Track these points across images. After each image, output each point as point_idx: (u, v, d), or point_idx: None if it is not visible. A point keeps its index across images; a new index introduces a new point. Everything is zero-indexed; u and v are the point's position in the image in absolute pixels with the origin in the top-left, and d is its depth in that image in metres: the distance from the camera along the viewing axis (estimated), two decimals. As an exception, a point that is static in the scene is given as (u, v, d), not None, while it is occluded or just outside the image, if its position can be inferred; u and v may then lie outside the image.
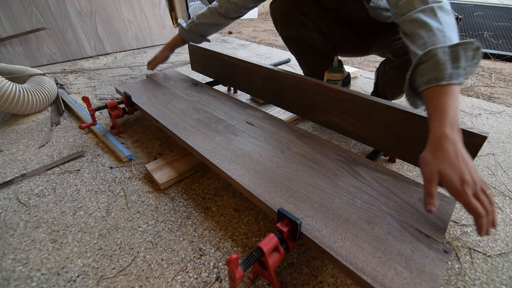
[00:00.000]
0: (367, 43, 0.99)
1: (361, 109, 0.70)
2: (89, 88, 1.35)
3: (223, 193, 0.71)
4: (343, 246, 0.43)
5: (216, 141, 0.69)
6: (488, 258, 0.56)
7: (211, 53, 1.09)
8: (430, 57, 0.48)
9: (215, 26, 1.01)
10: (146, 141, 0.92)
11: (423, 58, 0.49)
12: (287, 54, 1.91)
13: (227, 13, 0.94)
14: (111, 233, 0.60)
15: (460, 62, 0.47)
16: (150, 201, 0.69)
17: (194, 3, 2.92)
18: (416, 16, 0.53)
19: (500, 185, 0.74)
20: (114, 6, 1.85)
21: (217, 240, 0.59)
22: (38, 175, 0.77)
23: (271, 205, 0.50)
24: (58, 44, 1.69)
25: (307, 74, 1.12)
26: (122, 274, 0.52)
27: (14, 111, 1.02)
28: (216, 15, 0.95)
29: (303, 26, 0.95)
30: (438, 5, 0.52)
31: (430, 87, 0.48)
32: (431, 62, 0.48)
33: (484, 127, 1.03)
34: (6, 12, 1.48)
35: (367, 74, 1.54)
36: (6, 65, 1.17)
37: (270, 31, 2.68)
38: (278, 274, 0.52)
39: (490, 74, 1.56)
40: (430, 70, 0.48)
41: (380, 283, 0.37)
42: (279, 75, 0.87)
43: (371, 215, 0.48)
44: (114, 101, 0.92)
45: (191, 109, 0.85)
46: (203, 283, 0.50)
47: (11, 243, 0.58)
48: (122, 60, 1.77)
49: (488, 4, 2.42)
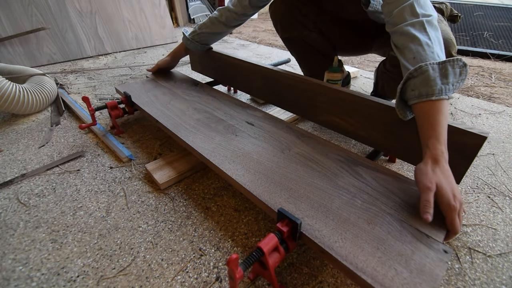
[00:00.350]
0: (367, 42, 0.99)
1: (361, 109, 0.70)
2: (89, 88, 1.35)
3: (223, 193, 0.71)
4: (343, 246, 0.43)
5: (216, 141, 0.69)
6: (488, 258, 0.56)
7: (211, 53, 1.09)
8: (421, 72, 0.50)
9: (217, 35, 1.01)
10: (146, 141, 0.92)
11: (413, 73, 0.51)
12: (287, 54, 1.91)
13: (227, 22, 0.94)
14: (111, 233, 0.60)
15: (449, 78, 0.50)
16: (150, 201, 0.69)
17: (194, 3, 2.92)
18: (407, 29, 0.54)
19: (500, 185, 0.74)
20: (114, 6, 1.85)
21: (217, 240, 0.59)
22: (38, 175, 0.77)
23: (271, 205, 0.50)
24: (58, 44, 1.69)
25: (307, 75, 1.12)
26: (122, 274, 0.52)
27: (14, 111, 1.02)
28: (217, 24, 0.95)
29: (303, 27, 0.95)
30: (427, 19, 0.54)
31: (421, 102, 0.51)
32: (422, 78, 0.50)
33: (484, 127, 1.03)
34: (6, 12, 1.48)
35: (367, 74, 1.54)
36: (6, 65, 1.17)
37: (270, 31, 2.68)
38: (278, 274, 0.52)
39: (490, 74, 1.56)
40: (421, 85, 0.50)
41: (380, 283, 0.37)
42: (279, 75, 0.87)
43: (371, 215, 0.48)
44: (114, 101, 0.92)
45: (191, 109, 0.85)
46: (203, 283, 0.50)
47: (11, 243, 0.58)
48: (122, 60, 1.77)
49: (488, 4, 2.42)
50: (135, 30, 1.99)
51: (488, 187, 0.74)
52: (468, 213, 0.66)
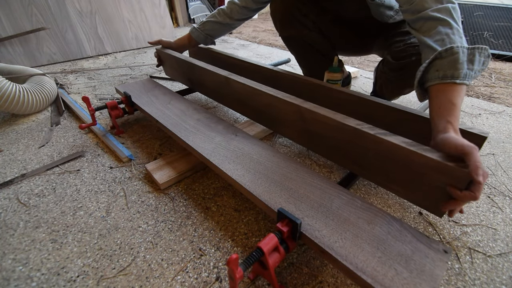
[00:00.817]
0: (367, 43, 0.99)
1: (361, 109, 0.70)
2: (89, 88, 1.35)
3: (223, 193, 0.71)
4: (343, 246, 0.43)
5: (216, 141, 0.69)
6: (488, 258, 0.56)
7: (211, 53, 1.09)
8: (451, 53, 0.49)
9: (221, 26, 1.02)
10: (146, 141, 0.92)
11: (443, 53, 0.50)
12: (287, 54, 1.91)
13: (231, 13, 0.97)
14: (111, 233, 0.60)
15: (474, 64, 0.49)
16: (150, 201, 0.69)
17: (194, 3, 2.92)
18: (433, 15, 0.54)
19: (500, 185, 0.74)
20: (114, 6, 1.85)
21: (217, 240, 0.59)
22: (38, 175, 0.77)
23: (271, 205, 0.50)
24: (58, 44, 1.69)
25: (306, 74, 1.12)
26: (122, 274, 0.52)
27: (14, 111, 1.02)
28: (222, 15, 0.99)
29: (303, 26, 0.95)
30: (452, 6, 0.53)
31: (443, 83, 0.49)
32: (451, 59, 0.49)
33: (484, 127, 1.03)
34: (6, 12, 1.48)
35: (367, 74, 1.54)
36: (6, 65, 1.17)
37: (270, 31, 2.68)
38: (278, 274, 0.52)
39: (490, 74, 1.56)
40: (448, 67, 0.49)
41: (380, 283, 0.37)
42: (279, 75, 0.87)
43: (371, 215, 0.48)
44: (114, 101, 0.92)
45: (191, 109, 0.85)
46: (203, 283, 0.50)
47: (11, 243, 0.58)
48: (122, 60, 1.77)
49: (488, 4, 2.42)
50: (135, 30, 1.99)
51: (488, 187, 0.74)
52: (468, 213, 0.66)
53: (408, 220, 0.63)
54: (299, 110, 0.64)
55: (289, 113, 0.67)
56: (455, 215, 0.43)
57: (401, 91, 0.87)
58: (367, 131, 0.52)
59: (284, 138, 0.91)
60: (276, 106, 0.70)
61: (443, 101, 0.49)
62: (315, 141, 0.66)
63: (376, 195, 0.69)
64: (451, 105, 0.47)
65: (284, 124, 0.72)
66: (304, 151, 0.86)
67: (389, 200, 0.68)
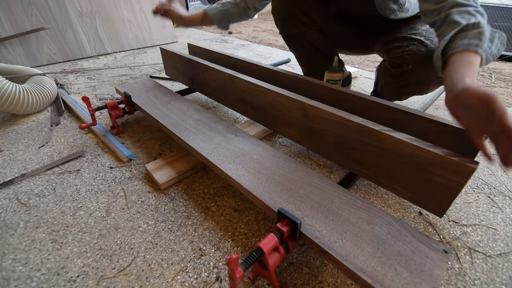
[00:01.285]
0: (368, 42, 0.99)
1: (361, 109, 0.70)
2: (89, 88, 1.35)
3: (223, 193, 0.71)
4: (343, 246, 0.43)
5: (216, 141, 0.69)
6: (488, 258, 0.56)
7: (211, 53, 1.09)
8: (477, 27, 0.50)
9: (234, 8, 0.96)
10: (146, 141, 0.92)
11: (470, 26, 0.51)
12: (287, 54, 1.91)
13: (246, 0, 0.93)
14: (111, 233, 0.60)
15: (492, 46, 0.51)
16: (150, 201, 0.69)
17: (194, 3, 2.92)
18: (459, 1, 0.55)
19: (500, 185, 0.74)
20: (114, 6, 1.85)
21: (217, 240, 0.59)
22: (38, 175, 0.77)
23: (271, 205, 0.50)
24: (58, 44, 1.69)
25: (306, 74, 1.12)
26: (122, 274, 0.52)
27: (14, 111, 1.02)
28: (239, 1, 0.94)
29: (303, 25, 0.95)
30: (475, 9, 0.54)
31: (466, 50, 0.49)
32: (476, 31, 0.50)
33: (484, 127, 1.03)
34: (6, 12, 1.48)
35: (367, 74, 1.54)
36: (6, 65, 1.17)
37: (270, 31, 2.68)
38: (278, 274, 0.52)
39: (490, 74, 1.56)
40: (473, 37, 0.50)
41: (380, 283, 0.37)
42: (279, 75, 0.87)
43: (371, 215, 0.48)
44: (114, 101, 0.92)
45: (191, 109, 0.85)
46: (203, 283, 0.50)
47: (11, 243, 0.58)
48: (122, 60, 1.77)
49: (488, 4, 2.42)
50: (135, 30, 1.99)
51: (488, 187, 0.74)
52: (468, 213, 0.66)
53: (408, 220, 0.63)
54: (303, 107, 0.64)
55: (293, 110, 0.68)
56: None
57: (398, 97, 0.87)
58: (372, 127, 0.53)
59: (284, 138, 0.91)
60: (281, 103, 0.70)
61: (463, 62, 0.49)
62: (316, 139, 0.66)
63: (376, 195, 0.69)
64: (471, 66, 0.48)
65: (287, 122, 0.72)
66: (304, 151, 0.86)
67: (389, 200, 0.68)
